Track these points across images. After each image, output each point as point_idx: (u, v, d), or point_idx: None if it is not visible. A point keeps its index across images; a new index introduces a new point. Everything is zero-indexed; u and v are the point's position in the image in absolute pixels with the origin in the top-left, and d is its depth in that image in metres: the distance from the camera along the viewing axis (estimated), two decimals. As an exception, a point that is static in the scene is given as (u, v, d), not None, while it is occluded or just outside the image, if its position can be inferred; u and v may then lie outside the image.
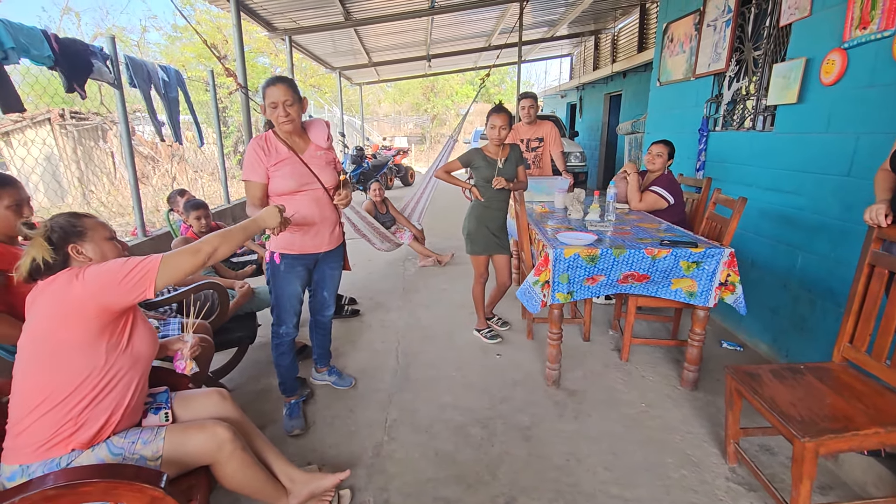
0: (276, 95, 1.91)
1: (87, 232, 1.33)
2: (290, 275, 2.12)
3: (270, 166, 1.97)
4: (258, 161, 1.96)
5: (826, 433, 1.41)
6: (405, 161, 12.45)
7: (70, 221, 1.33)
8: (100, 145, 7.56)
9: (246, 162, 1.99)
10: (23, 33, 2.49)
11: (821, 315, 2.47)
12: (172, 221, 3.36)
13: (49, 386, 1.24)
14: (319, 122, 2.14)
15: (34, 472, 1.23)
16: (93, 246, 1.33)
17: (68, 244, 1.30)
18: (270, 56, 15.14)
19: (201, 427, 1.39)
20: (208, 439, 1.37)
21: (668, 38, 4.14)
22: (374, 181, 4.77)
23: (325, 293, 2.34)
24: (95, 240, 1.34)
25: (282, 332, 2.19)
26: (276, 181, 1.99)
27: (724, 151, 3.40)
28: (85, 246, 1.32)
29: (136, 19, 33.16)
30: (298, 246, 2.09)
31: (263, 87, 1.94)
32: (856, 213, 2.26)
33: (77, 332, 1.25)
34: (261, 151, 1.97)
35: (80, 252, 1.31)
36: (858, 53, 2.24)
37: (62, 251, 1.29)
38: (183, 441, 1.35)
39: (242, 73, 4.76)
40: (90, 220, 1.37)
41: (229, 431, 1.40)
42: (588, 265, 2.27)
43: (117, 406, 1.33)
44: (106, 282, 1.25)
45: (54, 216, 1.34)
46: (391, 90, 23.15)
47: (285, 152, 2.00)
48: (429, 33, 8.20)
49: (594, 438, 2.11)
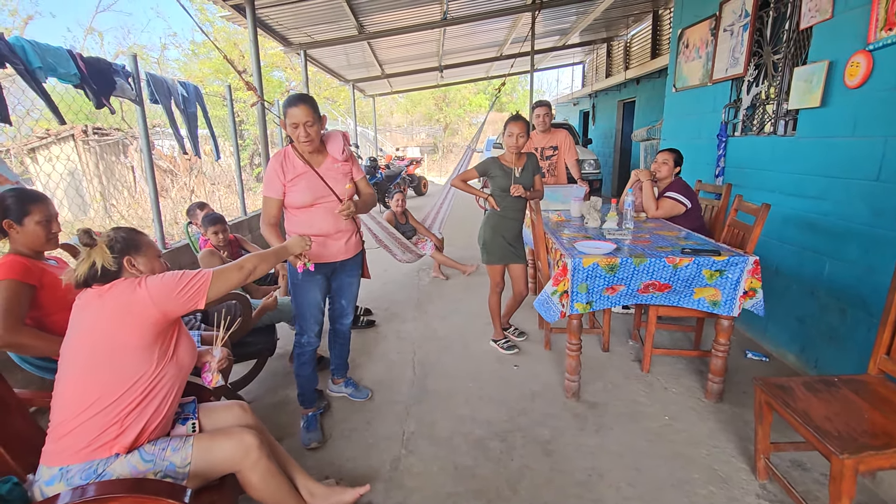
0: (298, 116, 1.93)
1: (143, 247, 1.42)
2: (309, 283, 2.14)
3: (287, 182, 2.02)
4: (276, 177, 2.02)
5: (866, 449, 1.35)
6: (418, 171, 12.50)
7: (131, 235, 1.42)
8: (121, 160, 7.74)
9: (265, 178, 2.05)
10: (50, 53, 2.56)
11: (852, 324, 2.39)
12: (191, 234, 3.40)
13: (102, 388, 1.29)
14: (336, 134, 2.18)
15: (73, 476, 1.24)
16: (145, 261, 1.42)
17: (126, 255, 1.37)
18: (286, 70, 15.40)
19: (228, 434, 1.42)
20: (235, 446, 1.39)
21: (684, 43, 4.10)
22: (396, 192, 4.79)
23: (344, 301, 2.35)
24: (149, 255, 1.43)
25: (304, 342, 2.21)
26: (292, 195, 2.04)
27: (743, 157, 3.33)
28: (139, 259, 1.40)
29: (156, 37, 34.15)
30: (315, 255, 2.10)
31: (285, 106, 1.97)
32: (887, 218, 2.18)
33: (135, 336, 1.31)
34: (279, 168, 2.02)
35: (133, 265, 1.38)
36: (885, 55, 2.18)
37: (119, 261, 1.37)
38: (210, 447, 1.37)
39: (259, 87, 4.84)
40: (146, 238, 1.46)
41: (256, 438, 1.42)
42: (607, 274, 2.23)
43: (157, 412, 1.37)
44: (167, 291, 1.33)
45: (115, 228, 1.44)
46: (403, 101, 23.35)
47: (302, 167, 2.04)
48: (441, 44, 8.26)
49: (617, 453, 2.06)
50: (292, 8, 5.28)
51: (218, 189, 8.44)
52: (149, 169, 3.62)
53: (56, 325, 1.66)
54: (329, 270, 2.20)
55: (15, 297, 1.56)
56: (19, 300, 1.57)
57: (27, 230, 1.67)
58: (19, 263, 1.61)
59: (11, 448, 1.30)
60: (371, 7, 5.71)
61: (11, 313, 1.54)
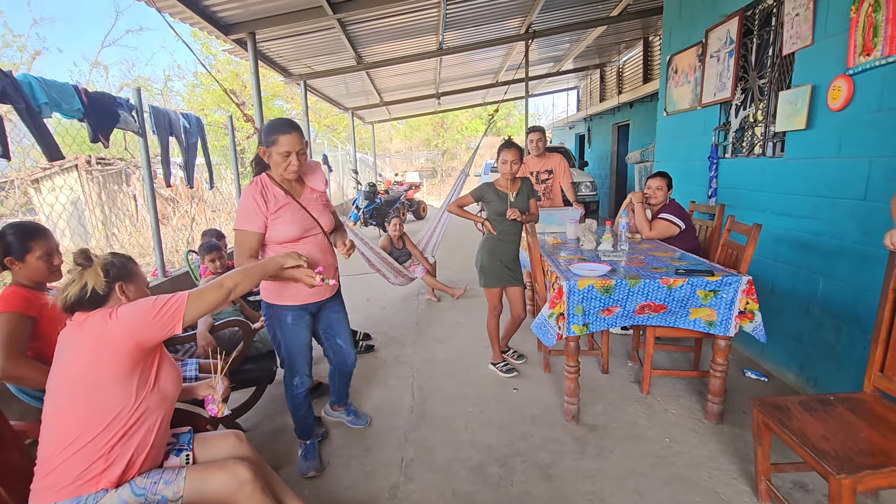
0: (292, 143, 1.80)
1: (135, 277, 1.41)
2: (299, 326, 2.03)
3: (270, 213, 1.85)
4: (256, 210, 1.83)
5: (863, 469, 1.34)
6: (417, 195, 12.63)
7: (126, 262, 1.42)
8: (123, 189, 7.85)
9: (242, 211, 1.84)
10: (55, 89, 2.64)
11: (848, 342, 2.39)
12: (191, 262, 3.43)
13: (83, 423, 1.27)
14: (315, 164, 2.07)
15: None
16: (136, 289, 1.41)
17: (119, 281, 1.36)
18: (287, 99, 15.74)
19: (221, 466, 1.40)
20: (229, 479, 1.37)
21: (673, 69, 4.22)
22: (394, 217, 4.87)
23: (340, 341, 2.23)
24: (139, 285, 1.42)
25: (296, 384, 2.09)
26: (278, 228, 1.87)
27: (735, 178, 3.39)
28: (130, 287, 1.39)
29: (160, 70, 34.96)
30: (304, 296, 1.97)
31: (272, 132, 1.81)
32: (875, 237, 2.21)
33: (111, 370, 1.28)
34: (260, 199, 1.83)
35: (124, 291, 1.37)
36: (865, 79, 2.25)
37: (110, 286, 1.35)
38: (204, 480, 1.36)
39: (259, 117, 4.95)
40: (138, 269, 1.45)
41: (249, 471, 1.40)
42: (603, 296, 2.25)
43: (143, 444, 1.35)
44: (140, 319, 1.29)
45: (112, 253, 1.42)
46: (402, 127, 23.75)
47: (284, 197, 1.89)
48: (438, 73, 8.47)
49: (618, 477, 2.04)
50: (292, 41, 5.45)
51: (219, 216, 8.53)
52: (150, 199, 3.68)
53: None
54: (315, 308, 2.09)
55: (16, 329, 1.58)
56: (20, 332, 1.59)
57: (30, 266, 1.69)
58: (20, 295, 1.64)
59: (7, 482, 1.29)
60: (369, 39, 5.89)
61: (13, 345, 1.55)
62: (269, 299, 2.00)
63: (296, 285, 1.85)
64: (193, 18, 4.04)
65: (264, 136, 1.84)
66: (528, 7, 5.82)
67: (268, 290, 2.00)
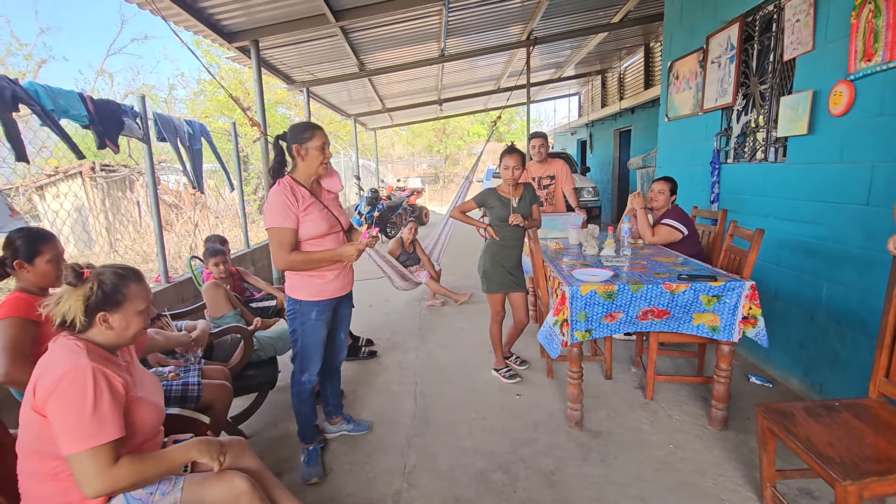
0: (325, 139, 1.98)
1: (124, 303, 1.32)
2: (321, 322, 2.10)
3: (301, 212, 1.96)
4: (288, 207, 1.93)
5: (869, 475, 1.33)
6: (419, 201, 12.65)
7: (115, 286, 1.31)
8: (127, 195, 7.89)
9: (273, 209, 1.93)
10: (62, 96, 2.67)
11: (853, 347, 2.38)
12: (194, 268, 3.44)
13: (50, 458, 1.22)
14: (332, 169, 2.18)
15: None
16: (121, 317, 1.32)
17: (101, 312, 1.29)
18: (289, 106, 15.82)
19: (219, 478, 1.37)
20: (226, 491, 1.35)
21: (674, 75, 4.23)
22: (410, 220, 4.92)
23: (342, 334, 2.34)
24: (128, 312, 1.33)
25: (304, 380, 2.16)
26: (308, 226, 1.97)
27: (737, 183, 3.39)
28: (114, 317, 1.31)
29: (164, 77, 35.27)
30: (329, 291, 2.08)
31: (306, 129, 1.97)
32: (878, 241, 2.21)
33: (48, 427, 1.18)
34: (291, 197, 1.94)
35: (106, 321, 1.30)
36: (866, 84, 2.26)
37: (91, 318, 1.29)
38: (201, 492, 1.33)
39: (263, 123, 4.98)
40: (134, 289, 1.34)
41: (247, 482, 1.38)
42: (606, 302, 2.24)
43: None
44: (56, 428, 1.17)
45: (105, 270, 1.32)
46: (404, 133, 23.86)
47: (309, 197, 2.01)
48: (440, 79, 8.52)
49: (622, 483, 2.03)
50: (295, 48, 5.49)
51: (222, 222, 8.56)
52: (154, 204, 3.70)
53: None
54: (336, 303, 2.18)
55: (20, 334, 1.59)
56: (24, 337, 1.60)
57: (38, 269, 1.71)
58: (24, 300, 1.64)
59: (6, 490, 1.29)
60: (371, 46, 5.93)
61: (16, 350, 1.56)
62: (296, 295, 2.07)
63: (321, 280, 2.03)
64: (198, 27, 4.08)
65: (298, 135, 1.97)
66: (530, 14, 5.85)
67: (294, 287, 2.06)
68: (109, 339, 1.34)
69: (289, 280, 2.08)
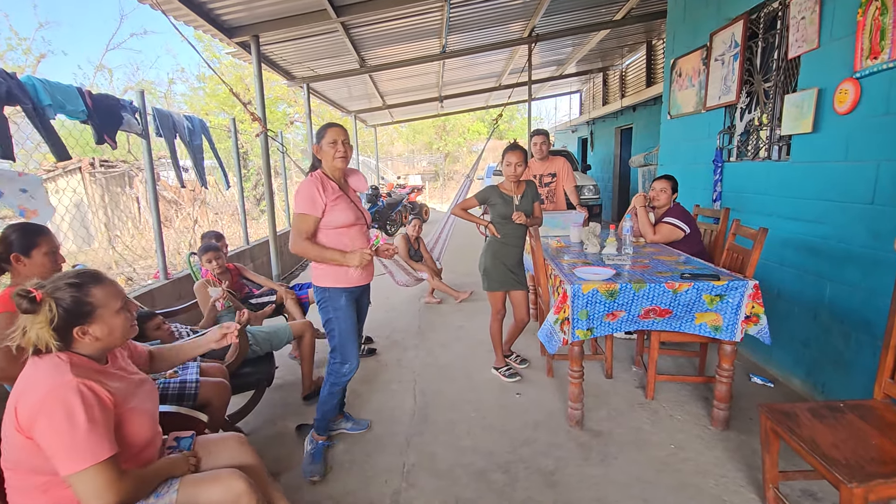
0: (337, 133, 2.10)
1: (95, 311, 1.23)
2: (350, 308, 2.17)
3: (329, 202, 2.07)
4: (317, 196, 2.04)
5: (875, 478, 1.32)
6: (419, 198, 12.63)
7: (76, 299, 1.20)
8: (126, 191, 7.87)
9: (303, 197, 2.05)
10: (59, 91, 2.64)
11: (857, 348, 2.36)
12: (193, 264, 3.42)
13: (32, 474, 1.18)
14: (357, 171, 2.31)
15: None
16: (101, 325, 1.24)
17: (74, 328, 1.21)
18: (290, 102, 15.77)
19: (216, 479, 1.35)
20: (224, 492, 1.32)
21: (677, 72, 4.20)
22: (415, 218, 4.94)
23: (360, 325, 2.36)
24: (105, 317, 1.25)
25: (345, 371, 2.18)
26: (336, 214, 2.09)
27: (740, 182, 3.37)
28: (94, 327, 1.23)
29: (164, 73, 35.16)
30: (356, 278, 2.16)
31: (321, 130, 2.12)
32: (884, 241, 2.19)
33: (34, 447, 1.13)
34: (320, 187, 2.06)
35: (87, 333, 1.23)
36: (872, 82, 2.23)
37: (67, 335, 1.21)
38: (197, 493, 1.31)
39: (263, 119, 4.95)
40: (99, 292, 1.24)
41: (245, 483, 1.35)
42: (607, 300, 2.22)
43: None
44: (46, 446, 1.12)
45: (58, 285, 1.20)
46: (405, 130, 23.79)
47: (338, 189, 2.13)
48: (440, 76, 8.47)
49: (623, 484, 2.01)
50: (295, 44, 5.46)
51: (221, 219, 8.54)
52: (153, 201, 3.67)
53: None
54: (359, 292, 2.25)
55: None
56: None
57: (35, 262, 1.70)
58: None
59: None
60: (372, 42, 5.89)
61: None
62: (323, 283, 2.14)
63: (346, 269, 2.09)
64: (197, 21, 4.04)
65: (316, 137, 2.15)
66: (532, 10, 5.81)
67: (320, 276, 2.14)
68: (97, 348, 1.28)
69: (315, 270, 2.16)
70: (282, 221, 7.31)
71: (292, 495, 1.99)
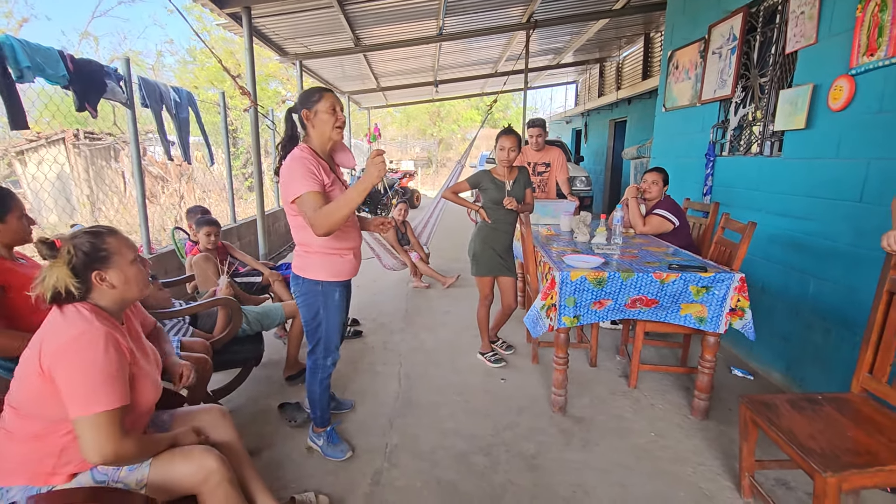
0: (334, 100, 1.84)
1: (111, 256, 1.27)
2: (343, 302, 2.02)
3: (327, 185, 1.82)
4: (316, 172, 1.76)
5: (849, 468, 1.34)
6: (411, 184, 12.54)
7: (94, 245, 1.25)
8: (111, 165, 7.68)
9: (302, 175, 1.73)
10: (39, 53, 2.54)
11: (836, 343, 2.40)
12: (177, 240, 3.36)
13: (39, 416, 1.19)
14: (343, 144, 2.02)
15: (13, 497, 1.18)
16: (117, 272, 1.27)
17: (92, 271, 1.24)
18: (282, 80, 15.48)
19: (188, 456, 1.33)
20: (195, 469, 1.30)
21: (674, 65, 4.18)
22: (401, 202, 4.87)
23: (346, 315, 2.24)
24: (120, 265, 1.28)
25: (329, 364, 2.07)
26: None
27: (731, 176, 3.38)
28: (109, 273, 1.26)
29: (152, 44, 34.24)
30: (348, 271, 1.99)
31: (314, 93, 1.84)
32: (869, 239, 2.21)
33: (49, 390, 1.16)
34: (314, 162, 1.78)
35: (103, 279, 1.26)
36: (867, 80, 2.24)
37: (86, 279, 1.24)
38: (169, 470, 1.29)
39: (253, 93, 4.84)
40: (114, 241, 1.29)
41: (217, 461, 1.33)
42: (595, 288, 2.23)
43: None
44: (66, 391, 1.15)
45: (76, 235, 1.26)
46: (398, 115, 23.53)
47: (329, 171, 1.86)
48: (436, 59, 8.36)
49: (602, 469, 2.03)
50: (289, 18, 5.32)
51: (209, 196, 8.40)
52: (137, 173, 3.59)
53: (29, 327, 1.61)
54: (349, 283, 2.09)
55: None
56: None
57: (10, 226, 1.65)
58: None
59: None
60: (367, 20, 5.77)
61: None
62: (317, 276, 1.91)
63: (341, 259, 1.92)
64: (187, -11, 3.91)
65: (306, 99, 1.84)
66: (531, -5, 5.74)
67: (313, 267, 1.91)
68: (115, 298, 1.30)
69: (303, 260, 1.91)
70: (270, 201, 7.21)
71: (274, 472, 1.99)
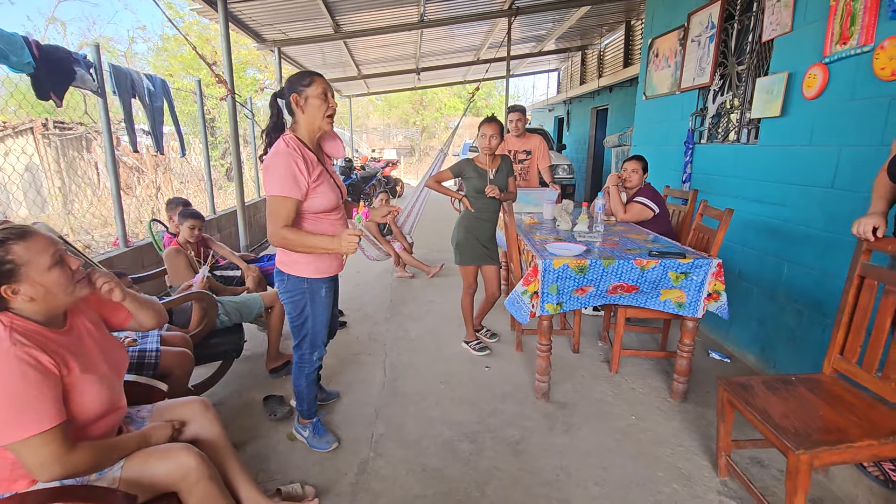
0: (326, 85, 1.74)
1: (19, 269, 1.12)
2: (329, 299, 1.97)
3: (312, 182, 1.72)
4: (300, 176, 1.67)
5: (820, 445, 1.39)
6: (394, 173, 12.45)
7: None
8: (84, 156, 7.43)
9: (281, 175, 1.65)
10: (2, 39, 2.43)
11: (808, 326, 2.48)
12: (155, 232, 3.28)
13: None
14: (333, 132, 1.93)
15: None
16: (30, 284, 1.14)
17: (1, 285, 1.12)
18: (260, 68, 15.13)
19: (165, 455, 1.29)
20: (172, 468, 1.27)
21: (654, 53, 4.21)
22: (381, 192, 4.82)
23: (335, 310, 2.20)
24: (32, 276, 1.14)
25: (315, 359, 2.03)
26: (318, 199, 1.75)
27: (709, 164, 3.43)
28: (23, 286, 1.14)
29: (123, 30, 33.07)
30: (336, 266, 1.95)
31: (304, 77, 1.74)
32: (840, 224, 2.28)
33: None
34: (301, 163, 1.68)
35: (16, 292, 1.14)
36: (839, 68, 2.28)
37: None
38: (143, 469, 1.25)
39: (230, 83, 4.73)
40: (20, 249, 1.13)
41: (195, 458, 1.29)
42: (577, 276, 2.25)
43: None
44: None
45: None
46: (380, 103, 23.25)
47: (317, 162, 1.77)
48: (418, 46, 8.26)
49: (585, 452, 2.08)
50: (266, 4, 5.19)
51: (187, 187, 8.21)
52: (111, 163, 3.48)
53: None
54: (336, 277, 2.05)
55: None
56: None
57: None
58: None
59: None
60: (347, 6, 5.66)
61: None
62: (303, 273, 1.85)
63: (328, 256, 1.86)
64: (158, -28, 3.77)
65: (295, 83, 1.74)
66: (513, -18, 5.69)
67: (299, 263, 1.84)
68: (37, 309, 1.19)
69: (287, 255, 1.83)
70: (250, 191, 7.08)
71: (259, 464, 1.98)
